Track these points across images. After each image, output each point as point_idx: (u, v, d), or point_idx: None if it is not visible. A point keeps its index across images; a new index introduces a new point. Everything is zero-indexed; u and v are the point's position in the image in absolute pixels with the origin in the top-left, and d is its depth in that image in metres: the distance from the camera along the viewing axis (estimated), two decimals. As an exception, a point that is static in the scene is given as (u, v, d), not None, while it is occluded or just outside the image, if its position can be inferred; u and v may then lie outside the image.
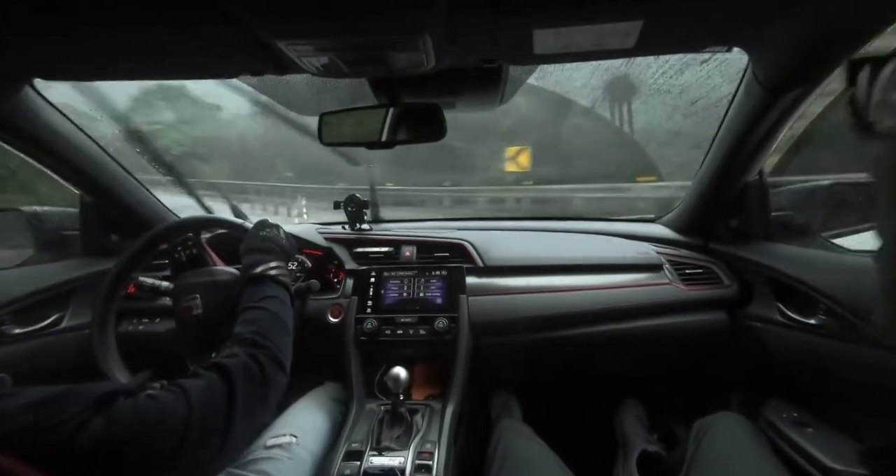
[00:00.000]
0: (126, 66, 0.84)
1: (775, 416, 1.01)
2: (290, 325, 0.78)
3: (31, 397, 0.46)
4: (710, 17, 0.67)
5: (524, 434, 1.02)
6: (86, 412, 0.47)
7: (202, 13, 0.61)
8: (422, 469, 0.88)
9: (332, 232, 1.39)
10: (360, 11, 0.57)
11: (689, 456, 0.87)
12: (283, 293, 0.83)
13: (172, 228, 1.08)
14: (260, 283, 0.82)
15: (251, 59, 0.76)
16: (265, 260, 0.86)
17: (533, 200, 7.07)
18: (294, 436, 0.91)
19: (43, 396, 0.47)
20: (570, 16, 0.63)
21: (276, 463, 0.84)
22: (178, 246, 1.19)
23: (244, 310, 0.77)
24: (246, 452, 0.86)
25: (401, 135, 0.89)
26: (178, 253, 1.19)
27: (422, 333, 1.13)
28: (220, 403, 0.58)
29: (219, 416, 0.57)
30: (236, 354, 0.65)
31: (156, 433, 0.50)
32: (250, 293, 0.80)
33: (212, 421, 0.56)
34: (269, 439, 0.89)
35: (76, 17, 0.63)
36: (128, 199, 1.29)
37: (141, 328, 1.19)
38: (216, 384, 0.60)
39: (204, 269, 1.03)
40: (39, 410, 0.45)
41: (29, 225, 1.28)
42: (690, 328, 1.20)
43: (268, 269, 0.84)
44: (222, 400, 0.59)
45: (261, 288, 0.81)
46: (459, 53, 0.74)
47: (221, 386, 0.60)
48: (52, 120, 1.02)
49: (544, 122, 8.25)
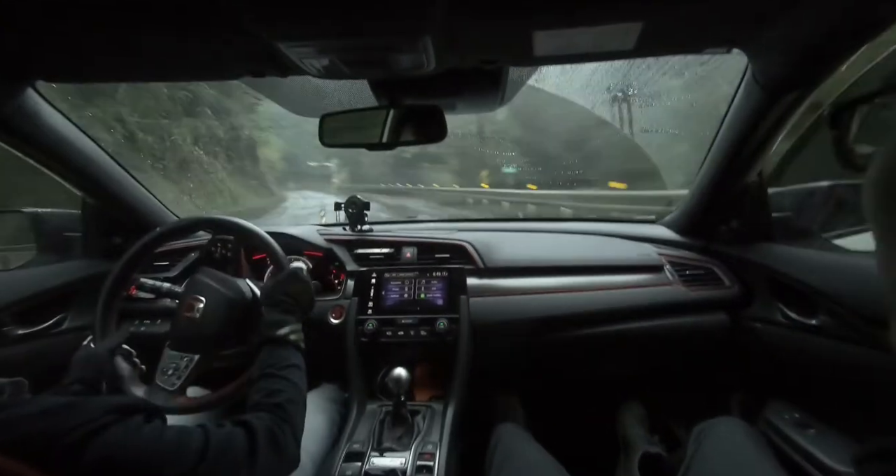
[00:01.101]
0: (128, 68, 0.84)
1: (777, 417, 1.01)
2: (306, 397, 0.79)
3: (44, 405, 0.47)
4: (710, 18, 0.67)
5: (523, 437, 1.02)
6: (99, 420, 0.47)
7: (204, 16, 0.61)
8: (423, 470, 0.88)
9: (332, 233, 1.39)
10: (361, 14, 0.58)
11: (688, 460, 0.87)
12: (302, 360, 0.83)
13: (178, 229, 1.07)
14: (281, 346, 0.82)
15: (253, 61, 0.77)
16: (288, 321, 0.85)
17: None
18: None
19: (56, 405, 0.47)
20: (570, 17, 0.63)
21: None
22: (219, 243, 1.19)
23: (267, 375, 0.76)
24: None
25: (401, 136, 0.89)
26: (215, 247, 1.20)
27: (423, 334, 1.13)
28: (238, 454, 0.58)
29: (233, 466, 0.57)
30: (262, 418, 0.65)
31: (168, 457, 0.50)
32: (272, 355, 0.80)
33: (226, 465, 0.55)
34: None
35: (79, 19, 0.63)
36: (129, 201, 1.29)
37: (143, 329, 1.19)
38: (239, 437, 0.60)
39: (220, 275, 1.02)
40: (51, 418, 0.46)
41: (31, 227, 1.29)
42: (691, 329, 1.19)
43: (290, 333, 0.83)
44: (241, 453, 0.58)
45: (283, 353, 0.81)
46: (460, 55, 0.74)
47: (243, 441, 0.60)
48: (54, 122, 1.03)
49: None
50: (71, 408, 0.48)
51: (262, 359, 0.79)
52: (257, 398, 0.72)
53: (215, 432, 0.57)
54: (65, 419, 0.46)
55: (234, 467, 0.57)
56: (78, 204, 1.28)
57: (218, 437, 0.57)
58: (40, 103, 0.98)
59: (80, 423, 0.46)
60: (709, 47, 0.79)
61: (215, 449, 0.55)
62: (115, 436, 0.47)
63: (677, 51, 0.86)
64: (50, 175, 1.12)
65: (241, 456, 0.58)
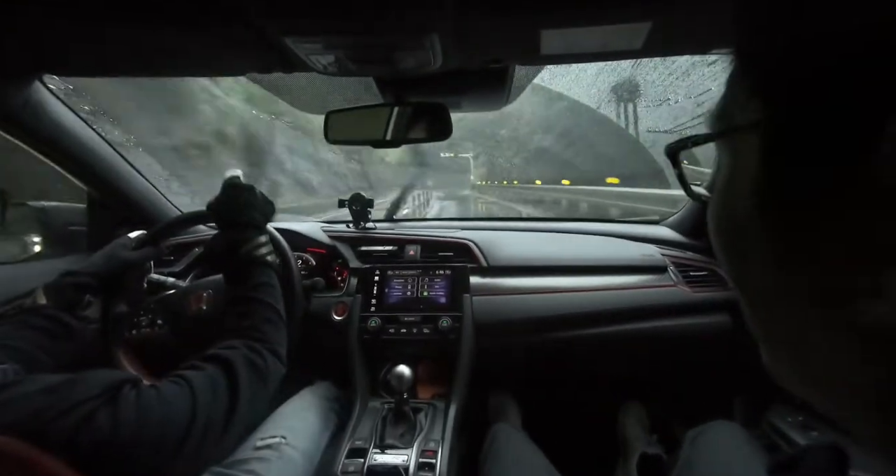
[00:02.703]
0: (135, 62, 0.84)
1: (780, 420, 1.01)
2: (282, 311, 0.76)
3: (44, 383, 0.47)
4: (719, 19, 0.67)
5: (517, 437, 1.02)
6: (95, 399, 0.47)
7: (211, 11, 0.61)
8: (425, 467, 0.88)
9: (336, 230, 1.39)
10: (368, 10, 0.57)
11: (682, 463, 0.87)
12: (273, 276, 0.79)
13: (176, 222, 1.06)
14: (248, 265, 0.77)
15: (259, 57, 0.77)
16: (249, 236, 0.80)
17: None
18: (283, 437, 0.90)
19: (55, 382, 0.47)
20: (578, 17, 0.62)
21: (266, 463, 0.83)
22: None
23: (237, 298, 0.74)
24: (235, 453, 0.85)
25: (407, 133, 0.89)
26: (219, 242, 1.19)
27: (425, 332, 1.14)
28: (222, 396, 0.58)
29: (221, 408, 0.57)
30: (235, 347, 0.65)
31: (160, 424, 0.51)
32: (239, 277, 0.76)
33: (215, 414, 0.56)
34: (258, 441, 0.88)
35: (86, 13, 0.63)
36: (134, 195, 1.30)
37: (146, 332, 1.20)
38: (219, 377, 0.59)
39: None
40: (51, 395, 0.46)
41: (36, 220, 1.29)
42: (695, 331, 1.19)
43: (253, 249, 0.78)
44: (224, 393, 0.58)
45: (252, 272, 0.77)
46: (466, 53, 0.74)
47: (224, 379, 0.60)
48: (61, 115, 1.03)
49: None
50: (71, 384, 0.48)
51: (230, 283, 0.77)
52: (230, 324, 0.70)
53: (196, 381, 0.57)
54: (65, 396, 0.46)
55: (222, 408, 0.57)
56: (83, 197, 1.29)
57: (200, 385, 0.56)
58: (47, 97, 0.99)
59: (81, 399, 0.46)
60: (716, 48, 0.78)
61: (202, 399, 0.55)
62: (112, 413, 0.47)
63: (684, 51, 0.85)
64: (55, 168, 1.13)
65: (223, 394, 0.58)
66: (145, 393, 0.52)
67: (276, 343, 0.70)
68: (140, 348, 0.99)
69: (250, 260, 0.78)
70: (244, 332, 0.68)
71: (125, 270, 0.86)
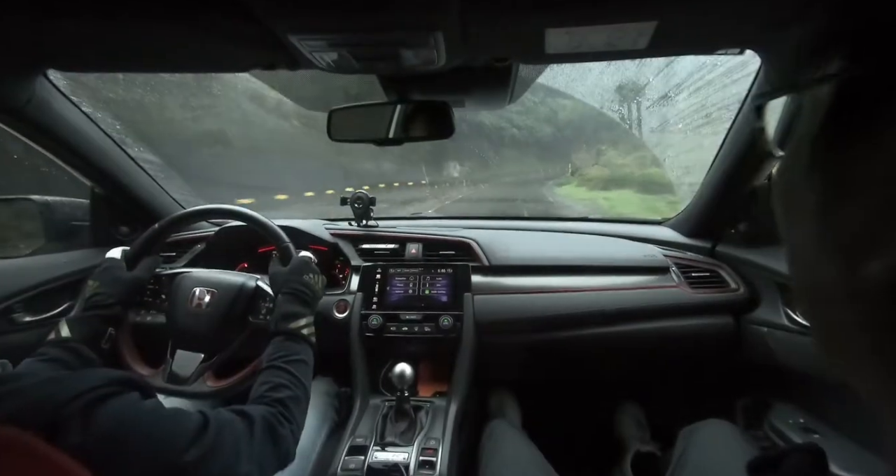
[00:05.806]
0: (139, 58, 0.84)
1: (781, 422, 1.00)
2: (310, 393, 0.78)
3: (48, 374, 0.47)
4: (725, 19, 0.66)
5: (513, 434, 1.02)
6: (101, 389, 0.47)
7: (217, 7, 0.61)
8: (425, 465, 0.89)
9: (338, 228, 1.39)
10: (373, 8, 0.57)
11: (675, 461, 0.87)
12: (311, 355, 0.82)
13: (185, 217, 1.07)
14: (293, 339, 0.80)
15: (264, 54, 0.77)
16: (303, 314, 0.84)
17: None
18: None
19: (60, 374, 0.48)
20: (584, 16, 0.62)
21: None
22: (224, 234, 1.23)
23: (273, 367, 0.75)
24: None
25: (409, 132, 0.89)
26: (220, 239, 1.23)
27: (427, 331, 1.14)
28: (236, 438, 0.57)
29: (231, 448, 0.56)
30: (262, 410, 0.65)
31: (168, 430, 0.51)
32: (282, 347, 0.78)
33: (223, 447, 0.55)
34: None
35: (91, 9, 0.63)
36: (138, 190, 1.30)
37: (149, 319, 1.20)
38: (237, 423, 0.59)
39: (222, 269, 1.02)
40: (54, 386, 0.46)
41: (40, 214, 1.30)
42: (696, 332, 1.19)
43: (304, 327, 0.82)
44: (239, 438, 0.58)
45: (294, 346, 0.79)
46: (471, 52, 0.73)
47: (241, 426, 0.59)
48: (65, 111, 1.03)
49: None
50: (74, 376, 0.48)
51: (272, 350, 0.78)
52: (261, 390, 0.71)
53: (213, 416, 0.57)
54: (68, 387, 0.46)
55: (232, 450, 0.56)
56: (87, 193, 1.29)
57: (216, 420, 0.56)
58: (52, 92, 0.99)
59: (83, 390, 0.46)
60: (722, 48, 0.78)
61: (213, 431, 0.54)
62: (117, 406, 0.47)
63: (690, 51, 0.85)
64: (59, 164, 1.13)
65: (238, 440, 0.57)
66: (153, 401, 0.53)
67: (297, 424, 0.70)
68: (135, 334, 0.99)
69: (295, 334, 0.81)
70: (272, 405, 0.69)
71: (140, 289, 0.95)
